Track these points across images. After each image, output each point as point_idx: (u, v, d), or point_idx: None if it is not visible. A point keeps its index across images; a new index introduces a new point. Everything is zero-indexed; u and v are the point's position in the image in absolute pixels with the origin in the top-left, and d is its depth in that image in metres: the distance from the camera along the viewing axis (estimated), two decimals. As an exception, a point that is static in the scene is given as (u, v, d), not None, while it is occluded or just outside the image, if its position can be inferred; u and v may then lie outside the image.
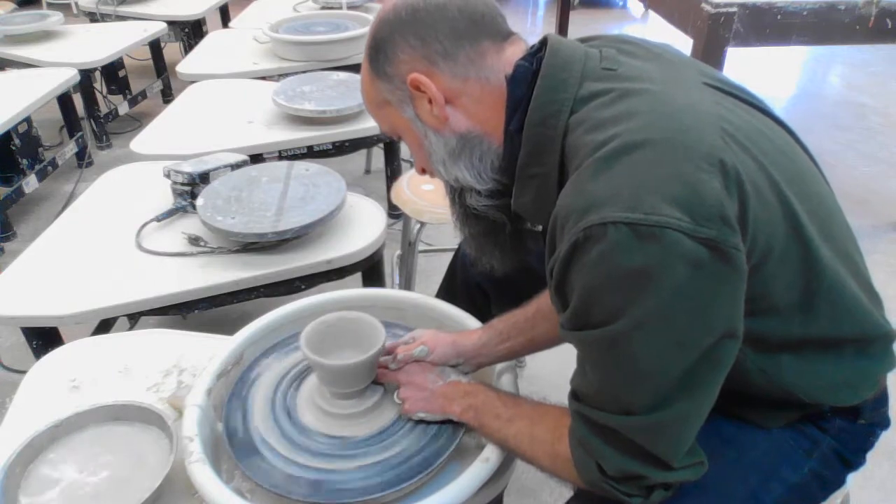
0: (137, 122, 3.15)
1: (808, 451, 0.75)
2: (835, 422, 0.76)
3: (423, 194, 1.54)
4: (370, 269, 1.45)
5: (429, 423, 0.85)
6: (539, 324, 0.92)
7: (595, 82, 0.68)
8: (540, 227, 0.81)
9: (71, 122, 2.76)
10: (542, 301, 0.93)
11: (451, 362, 0.91)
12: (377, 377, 0.89)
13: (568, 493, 0.79)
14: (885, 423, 0.79)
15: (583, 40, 0.78)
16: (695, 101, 0.66)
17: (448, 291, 1.16)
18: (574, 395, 0.69)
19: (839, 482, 0.79)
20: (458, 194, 0.80)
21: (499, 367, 0.93)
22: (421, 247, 1.84)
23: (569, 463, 0.70)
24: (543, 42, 0.73)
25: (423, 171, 0.83)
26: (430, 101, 0.73)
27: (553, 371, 1.75)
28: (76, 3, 3.68)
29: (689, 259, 0.55)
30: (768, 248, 0.62)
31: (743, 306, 0.61)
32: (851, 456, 0.77)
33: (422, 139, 0.77)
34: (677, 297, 0.56)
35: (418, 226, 1.57)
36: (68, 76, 2.59)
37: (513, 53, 0.73)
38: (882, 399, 0.78)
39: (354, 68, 2.48)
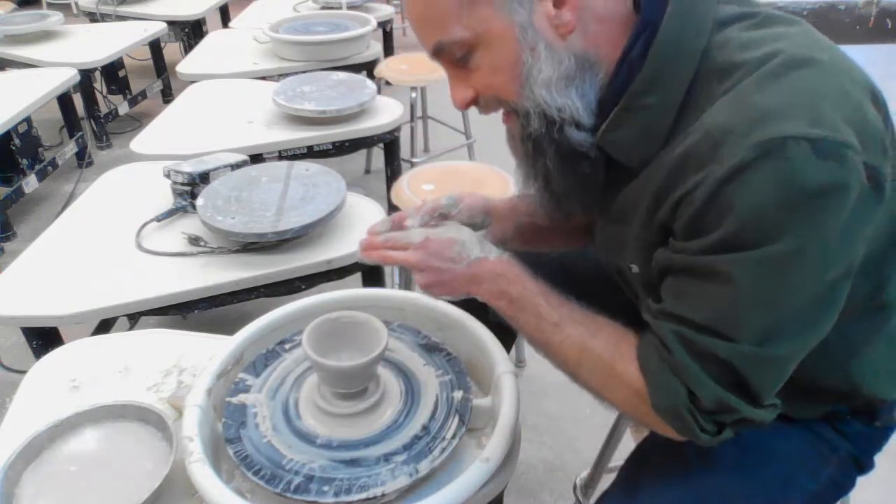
0: (137, 122, 3.15)
1: (826, 457, 0.75)
2: (853, 425, 0.75)
3: (423, 194, 1.54)
4: (370, 269, 1.45)
5: (444, 420, 0.83)
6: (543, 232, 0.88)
7: (731, 5, 0.63)
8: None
9: (71, 122, 2.77)
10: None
11: (478, 218, 0.85)
12: (376, 259, 0.80)
13: (569, 494, 0.79)
14: (894, 426, 0.79)
15: None
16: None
17: None
18: (670, 319, 0.63)
19: (851, 486, 0.79)
20: (556, 129, 0.66)
21: (498, 370, 0.92)
22: (421, 247, 1.84)
23: (630, 387, 0.66)
24: None
25: (471, 103, 0.69)
26: (556, 5, 0.62)
27: (553, 371, 1.76)
28: (76, 3, 3.68)
29: (860, 185, 0.53)
30: None
31: None
32: (864, 459, 0.77)
33: (522, 53, 0.63)
34: (839, 224, 0.54)
35: (418, 226, 1.57)
36: (68, 76, 2.59)
37: None
38: (894, 402, 0.78)
39: (354, 68, 2.49)
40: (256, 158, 1.74)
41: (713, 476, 0.72)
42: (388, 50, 3.52)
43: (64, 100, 2.68)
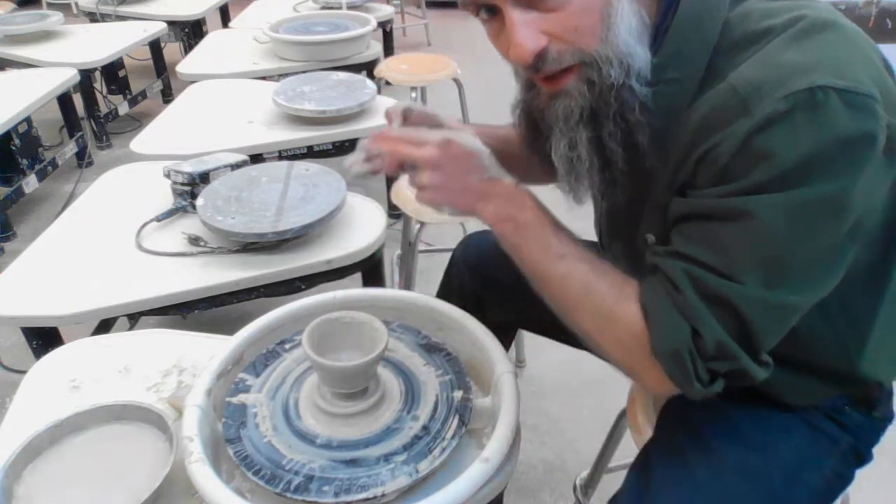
0: (137, 122, 3.15)
1: (828, 449, 0.75)
2: (852, 416, 0.76)
3: (423, 194, 1.54)
4: (370, 269, 1.45)
5: (444, 420, 0.82)
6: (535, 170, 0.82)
7: None
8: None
9: (71, 122, 2.77)
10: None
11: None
12: (385, 151, 0.73)
13: (569, 494, 0.79)
14: (891, 417, 0.80)
15: None
16: None
17: (445, 297, 1.16)
18: (682, 259, 0.63)
19: (851, 478, 0.79)
20: (625, 86, 0.63)
21: (498, 370, 0.93)
22: (421, 247, 1.84)
23: (629, 329, 0.65)
24: None
25: (542, 50, 0.62)
26: None
27: (553, 371, 1.76)
28: (76, 3, 3.68)
29: (884, 139, 0.55)
30: None
31: None
32: (864, 451, 0.78)
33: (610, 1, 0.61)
34: (863, 174, 0.55)
35: (418, 226, 1.57)
36: (68, 76, 2.59)
37: None
38: (891, 392, 0.79)
39: (354, 68, 2.49)
40: (256, 158, 1.74)
41: (720, 478, 0.72)
42: (388, 50, 3.52)
43: (64, 100, 2.68)
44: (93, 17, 3.50)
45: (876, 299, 0.70)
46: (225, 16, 3.97)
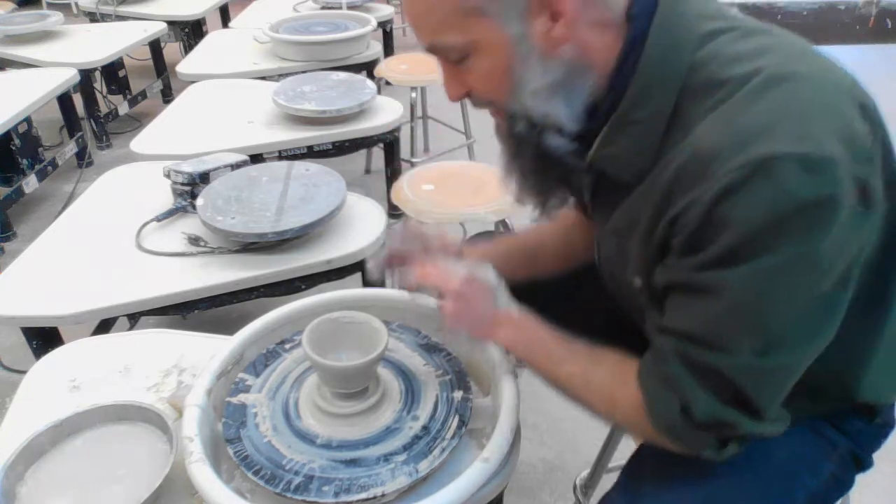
0: (137, 122, 3.15)
1: (827, 454, 0.75)
2: (853, 422, 0.76)
3: (423, 194, 1.54)
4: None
5: (444, 420, 0.84)
6: (539, 256, 0.92)
7: (714, 20, 0.64)
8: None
9: (71, 122, 2.77)
10: (544, 234, 0.93)
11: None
12: (420, 276, 0.84)
13: (569, 494, 0.79)
14: (893, 424, 0.79)
15: None
16: (809, 45, 0.64)
17: None
18: (670, 333, 0.65)
19: (851, 483, 0.79)
20: (536, 132, 0.69)
21: (498, 370, 0.93)
22: (421, 247, 1.84)
23: (631, 407, 0.68)
24: None
25: (462, 97, 0.70)
26: (552, 18, 0.62)
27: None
28: (76, 3, 3.69)
29: (850, 197, 0.54)
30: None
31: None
32: (864, 456, 0.77)
33: (515, 63, 0.64)
34: (830, 236, 0.55)
35: (418, 226, 1.57)
36: (68, 76, 2.59)
37: None
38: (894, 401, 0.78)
39: (354, 68, 2.49)
40: (256, 158, 1.75)
41: (715, 478, 0.72)
42: (388, 50, 3.52)
43: (64, 100, 2.68)
44: (93, 17, 3.49)
45: (878, 325, 0.69)
46: (225, 16, 3.97)
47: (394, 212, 2.07)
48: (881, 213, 0.61)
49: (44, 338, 1.27)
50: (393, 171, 2.21)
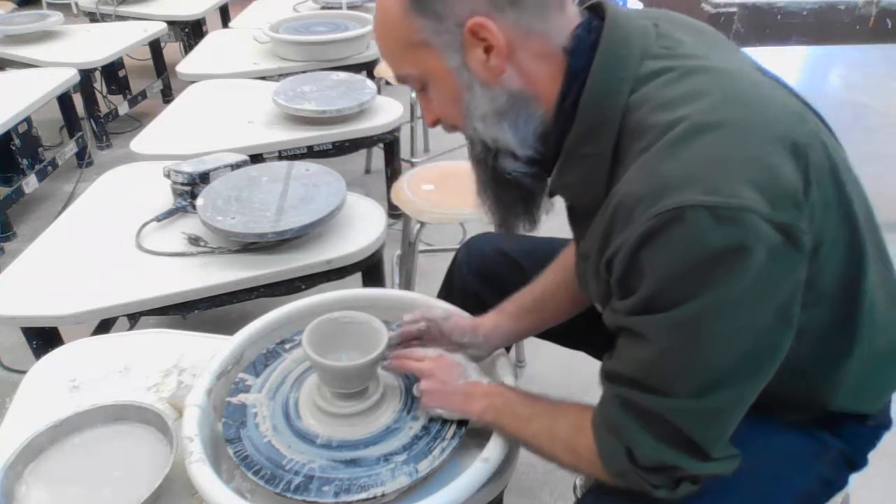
0: (137, 122, 3.15)
1: (817, 454, 0.75)
2: (845, 425, 0.76)
3: (423, 194, 1.54)
4: (370, 269, 1.45)
5: (444, 420, 0.85)
6: (548, 303, 0.94)
7: (655, 60, 0.65)
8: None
9: (71, 122, 2.76)
10: (549, 280, 0.95)
11: (466, 338, 0.92)
12: (396, 366, 0.89)
13: (569, 494, 0.79)
14: (888, 424, 0.79)
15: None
16: (757, 81, 0.65)
17: (446, 298, 1.16)
18: (613, 379, 0.67)
19: (843, 484, 0.79)
20: (491, 156, 0.73)
21: (498, 365, 0.93)
22: (421, 247, 1.84)
23: (590, 455, 0.70)
24: (596, 7, 0.69)
25: (435, 123, 0.76)
26: (486, 51, 0.65)
27: (553, 371, 1.76)
28: (76, 3, 3.68)
29: (767, 243, 0.55)
30: (823, 234, 0.61)
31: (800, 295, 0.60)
32: (857, 458, 0.77)
33: (462, 91, 0.69)
34: (751, 282, 0.56)
35: (418, 226, 1.57)
36: (68, 76, 2.59)
37: (573, 14, 0.68)
38: (888, 401, 0.78)
39: (354, 68, 2.49)
40: (256, 158, 1.74)
41: None
42: (388, 50, 3.51)
43: (64, 100, 2.67)
44: (93, 17, 3.49)
45: (847, 346, 0.70)
46: (225, 16, 3.96)
47: (394, 212, 2.07)
48: (842, 240, 0.63)
49: (44, 338, 1.27)
50: (393, 171, 2.20)
